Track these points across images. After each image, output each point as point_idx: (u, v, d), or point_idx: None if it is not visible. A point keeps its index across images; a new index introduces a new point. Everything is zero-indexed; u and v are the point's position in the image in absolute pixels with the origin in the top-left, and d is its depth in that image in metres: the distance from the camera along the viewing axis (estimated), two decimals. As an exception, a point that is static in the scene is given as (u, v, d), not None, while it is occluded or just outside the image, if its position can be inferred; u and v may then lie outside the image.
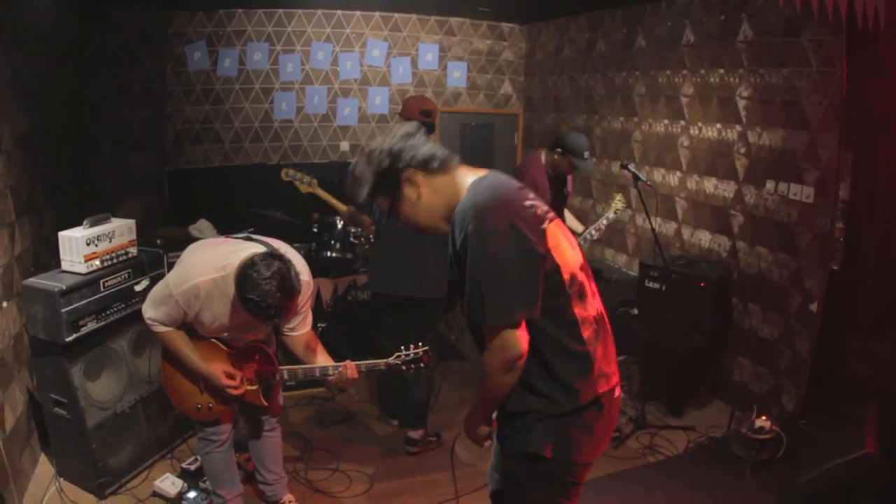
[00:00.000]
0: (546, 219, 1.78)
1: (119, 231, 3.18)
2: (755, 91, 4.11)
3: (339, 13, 6.06)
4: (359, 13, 6.11)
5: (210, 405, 2.71)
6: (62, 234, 3.01)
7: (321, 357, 2.71)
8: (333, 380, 2.61)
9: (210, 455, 2.85)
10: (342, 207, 3.97)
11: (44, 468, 3.32)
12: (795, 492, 2.92)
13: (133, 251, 3.28)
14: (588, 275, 1.86)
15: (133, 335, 3.29)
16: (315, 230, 4.75)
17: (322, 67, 6.11)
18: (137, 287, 3.27)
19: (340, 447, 3.73)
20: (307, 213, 4.79)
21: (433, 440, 3.78)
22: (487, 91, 6.78)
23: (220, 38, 5.72)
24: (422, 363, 2.53)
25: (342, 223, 4.65)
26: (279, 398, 3.01)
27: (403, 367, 2.54)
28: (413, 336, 2.86)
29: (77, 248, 2.97)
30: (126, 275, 3.22)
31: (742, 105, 4.21)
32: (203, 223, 5.05)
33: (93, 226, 3.06)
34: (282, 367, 2.69)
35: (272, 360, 2.71)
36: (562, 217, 4.13)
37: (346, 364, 2.57)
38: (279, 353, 2.83)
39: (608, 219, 4.23)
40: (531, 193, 1.86)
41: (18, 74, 3.31)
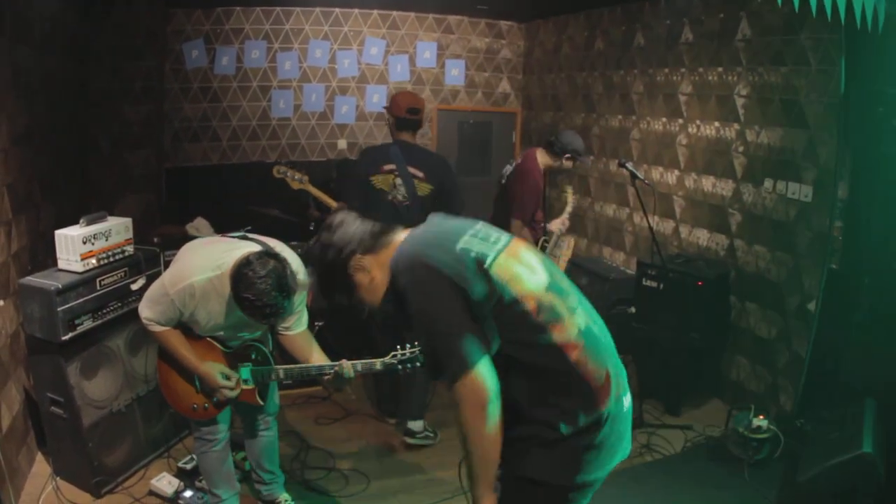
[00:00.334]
0: (490, 254, 1.71)
1: (115, 229, 3.16)
2: (753, 89, 4.10)
3: (337, 11, 6.04)
4: (357, 11, 6.09)
5: (206, 405, 2.71)
6: (58, 233, 2.99)
7: (317, 356, 2.70)
8: (329, 379, 2.61)
9: (206, 454, 2.84)
10: (332, 204, 4.01)
11: (40, 467, 3.31)
12: (793, 491, 2.92)
13: (129, 250, 3.27)
14: (564, 287, 1.79)
15: (129, 334, 3.28)
16: (311, 228, 4.74)
17: (320, 65, 6.10)
18: (134, 286, 3.26)
19: (337, 446, 3.73)
20: (304, 211, 4.78)
21: (431, 435, 3.79)
22: (485, 89, 6.76)
23: (218, 36, 5.72)
24: (418, 362, 2.52)
25: None
26: (276, 397, 3.00)
27: (399, 367, 2.54)
28: (409, 335, 2.85)
29: (73, 247, 2.96)
30: (122, 273, 3.21)
31: (740, 103, 4.21)
32: (200, 221, 5.03)
33: (89, 224, 3.05)
34: (278, 367, 2.69)
35: (268, 360, 2.71)
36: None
37: (342, 363, 2.56)
38: (275, 352, 2.83)
39: (569, 213, 4.40)
40: (478, 225, 1.84)
41: (19, 72, 3.30)
